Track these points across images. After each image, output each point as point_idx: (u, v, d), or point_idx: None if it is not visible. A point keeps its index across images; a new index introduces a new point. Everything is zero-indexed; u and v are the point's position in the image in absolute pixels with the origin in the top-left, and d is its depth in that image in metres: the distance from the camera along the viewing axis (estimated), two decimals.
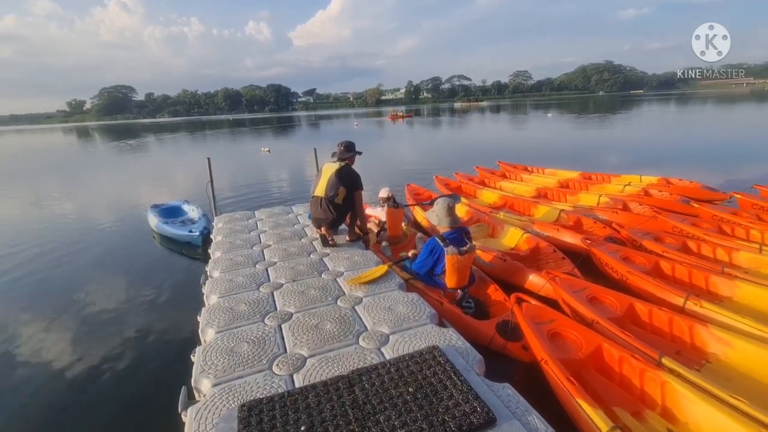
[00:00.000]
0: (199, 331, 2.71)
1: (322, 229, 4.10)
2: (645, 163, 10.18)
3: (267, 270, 3.62)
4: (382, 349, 2.34)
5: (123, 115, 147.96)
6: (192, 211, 6.73)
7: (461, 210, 5.39)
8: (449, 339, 2.39)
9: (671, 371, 2.17)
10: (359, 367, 2.10)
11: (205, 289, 3.33)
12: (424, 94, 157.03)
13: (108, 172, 16.41)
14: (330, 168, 3.99)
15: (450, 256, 3.07)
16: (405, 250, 4.24)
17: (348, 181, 3.95)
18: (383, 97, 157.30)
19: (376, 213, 4.53)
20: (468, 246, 3.12)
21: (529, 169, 8.51)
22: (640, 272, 3.42)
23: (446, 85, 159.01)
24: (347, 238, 4.23)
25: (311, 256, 3.94)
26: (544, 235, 4.42)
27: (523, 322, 2.73)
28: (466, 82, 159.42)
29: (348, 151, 4.12)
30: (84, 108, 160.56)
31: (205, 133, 41.44)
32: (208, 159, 5.58)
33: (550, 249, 4.07)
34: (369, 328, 2.58)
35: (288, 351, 2.36)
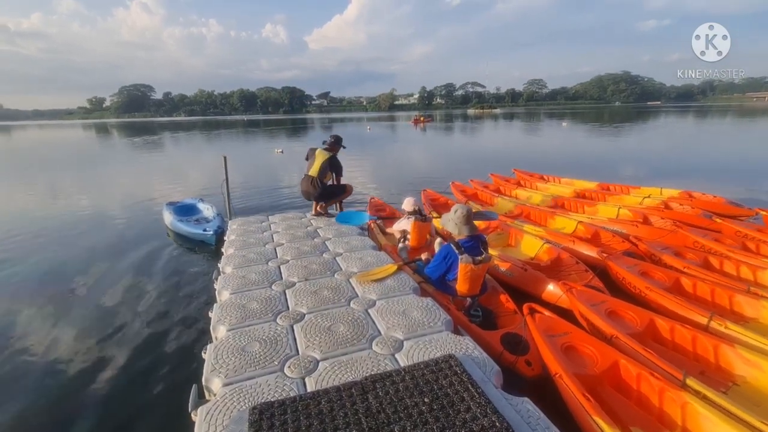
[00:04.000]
0: (211, 327, 2.70)
1: (318, 206, 5.32)
2: (664, 176, 9.96)
3: (279, 268, 3.61)
4: (397, 356, 2.29)
5: (141, 112, 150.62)
6: (207, 210, 6.77)
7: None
8: (465, 348, 2.33)
9: (696, 393, 2.08)
10: (373, 373, 2.06)
11: (217, 285, 3.33)
12: (438, 100, 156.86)
13: (125, 167, 16.68)
14: (322, 155, 5.14)
15: (463, 264, 3.01)
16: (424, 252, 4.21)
17: (334, 168, 5.25)
18: (396, 102, 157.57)
19: (400, 226, 4.49)
20: (483, 256, 3.05)
21: (545, 177, 8.39)
22: (659, 288, 3.31)
23: (460, 92, 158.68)
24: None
25: (324, 255, 3.93)
26: (560, 247, 4.33)
27: (536, 333, 2.65)
28: (480, 89, 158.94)
29: (336, 144, 5.31)
30: (104, 105, 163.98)
31: (220, 132, 41.98)
32: (224, 157, 5.60)
33: (572, 260, 3.96)
34: (383, 332, 2.54)
35: (300, 353, 2.33)
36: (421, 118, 46.84)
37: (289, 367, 2.19)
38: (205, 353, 2.39)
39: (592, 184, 7.51)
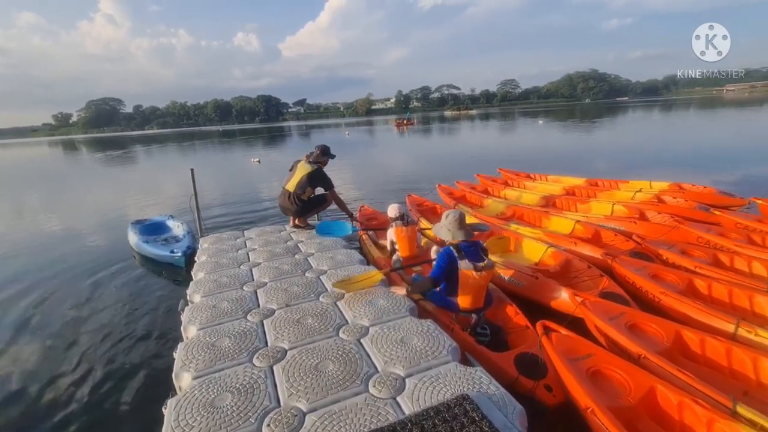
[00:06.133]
0: (173, 375, 2.25)
1: (296, 220, 4.87)
2: (647, 168, 9.95)
3: (256, 293, 3.19)
4: (399, 399, 1.91)
5: (111, 127, 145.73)
6: (177, 228, 6.24)
7: (471, 220, 5.02)
8: (479, 383, 1.97)
9: (750, 422, 1.77)
10: (373, 429, 1.68)
11: (183, 318, 2.88)
12: (414, 103, 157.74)
13: (92, 185, 15.80)
14: (303, 169, 4.63)
15: (465, 271, 2.68)
16: (423, 266, 3.87)
17: (317, 183, 4.67)
18: (374, 107, 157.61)
19: (389, 237, 4.13)
20: (486, 262, 2.73)
21: (532, 176, 8.19)
22: (675, 293, 3.04)
23: (435, 94, 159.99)
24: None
25: (307, 274, 3.53)
26: (563, 249, 4.04)
27: (555, 357, 2.30)
28: (455, 91, 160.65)
29: (323, 155, 4.79)
30: (70, 121, 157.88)
31: (194, 143, 40.79)
32: (192, 170, 5.12)
33: (583, 264, 3.65)
34: (380, 368, 2.15)
35: (282, 404, 1.93)
36: (404, 122, 47.14)
37: (268, 425, 1.78)
38: (165, 409, 1.97)
39: (580, 180, 7.33)
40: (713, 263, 3.62)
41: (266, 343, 2.47)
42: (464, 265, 2.68)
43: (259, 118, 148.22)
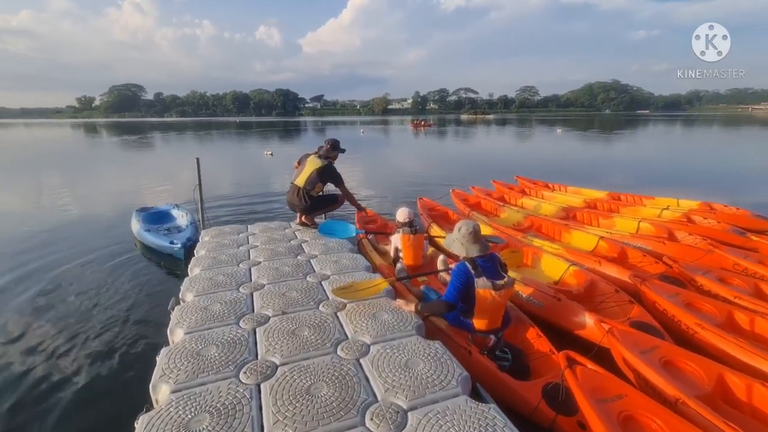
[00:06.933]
0: (151, 386, 2.04)
1: (303, 217, 4.65)
2: (670, 184, 9.49)
3: (252, 295, 2.97)
4: None
5: (131, 112, 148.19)
6: (181, 218, 6.08)
7: (485, 231, 4.74)
8: (493, 425, 1.71)
9: None
10: None
11: (172, 318, 2.67)
12: (431, 105, 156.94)
13: (104, 168, 15.85)
14: (313, 163, 4.44)
15: (482, 290, 2.41)
16: (429, 276, 3.61)
17: (327, 179, 4.49)
18: (390, 107, 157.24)
19: (393, 243, 3.89)
20: (506, 280, 2.46)
21: (551, 186, 7.84)
22: (712, 326, 2.73)
23: (453, 97, 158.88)
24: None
25: (308, 278, 3.30)
26: (585, 268, 3.73)
27: (580, 396, 2.03)
28: (472, 95, 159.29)
29: (333, 149, 4.58)
30: (93, 105, 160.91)
31: (211, 133, 41.07)
32: (197, 159, 4.95)
33: (610, 288, 3.34)
34: (379, 397, 1.91)
35: (266, 430, 1.69)
36: (422, 123, 46.94)
37: None
38: (137, 424, 1.76)
39: (602, 193, 6.98)
40: (755, 294, 3.27)
41: (256, 355, 2.24)
42: (481, 284, 2.42)
43: (276, 112, 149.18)
